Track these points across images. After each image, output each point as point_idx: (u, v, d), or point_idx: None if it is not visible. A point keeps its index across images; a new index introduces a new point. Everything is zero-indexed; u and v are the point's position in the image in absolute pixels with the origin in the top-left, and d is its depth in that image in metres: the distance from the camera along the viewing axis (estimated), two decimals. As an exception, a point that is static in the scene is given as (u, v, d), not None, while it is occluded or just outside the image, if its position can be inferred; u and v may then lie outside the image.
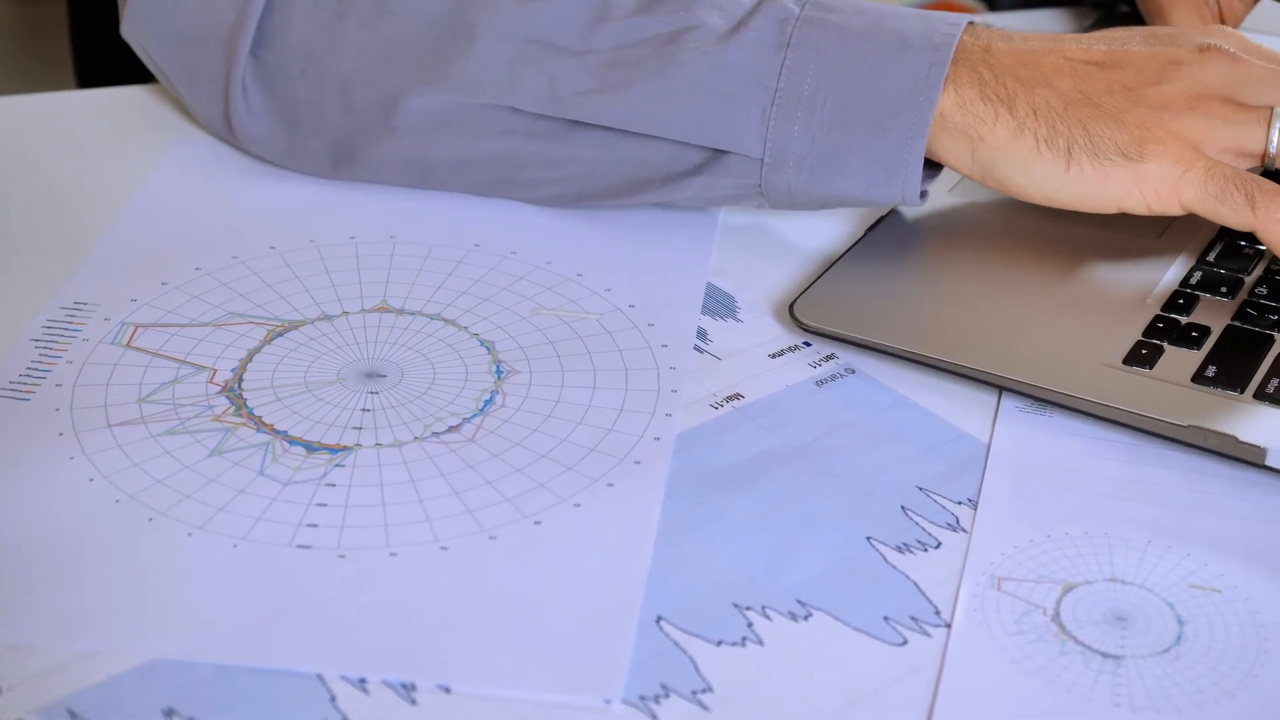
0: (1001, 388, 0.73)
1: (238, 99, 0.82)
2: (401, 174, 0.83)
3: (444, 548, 0.64)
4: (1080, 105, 0.74)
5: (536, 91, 0.79)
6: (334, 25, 0.81)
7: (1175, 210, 0.74)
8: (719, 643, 0.61)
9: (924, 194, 0.78)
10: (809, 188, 0.77)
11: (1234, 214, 0.73)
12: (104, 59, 1.31)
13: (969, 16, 0.78)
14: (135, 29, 0.85)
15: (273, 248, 0.81)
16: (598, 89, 0.78)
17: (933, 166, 0.78)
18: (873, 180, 0.76)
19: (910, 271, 0.79)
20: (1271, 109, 0.75)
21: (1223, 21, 0.93)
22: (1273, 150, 0.75)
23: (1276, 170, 0.76)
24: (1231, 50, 0.76)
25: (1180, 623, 0.63)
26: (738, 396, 0.73)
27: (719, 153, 0.78)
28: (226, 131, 0.85)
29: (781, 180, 0.77)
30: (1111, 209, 0.75)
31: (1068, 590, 0.64)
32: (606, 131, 0.79)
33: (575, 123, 0.79)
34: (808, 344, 0.76)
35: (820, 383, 0.74)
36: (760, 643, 0.61)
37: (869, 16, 0.77)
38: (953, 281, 0.78)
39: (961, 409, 0.73)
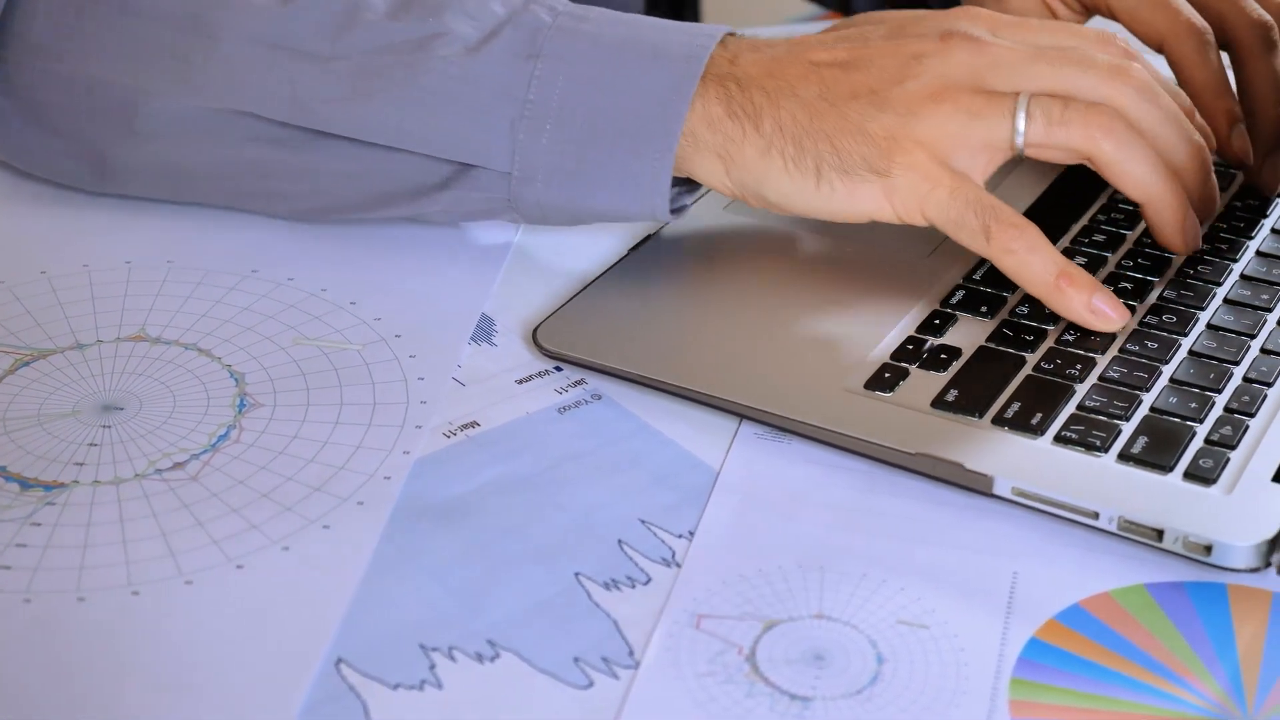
0: (741, 415, 0.72)
1: None
2: (154, 183, 0.82)
3: (135, 593, 0.63)
4: (825, 116, 0.73)
5: (279, 98, 0.77)
6: (75, 25, 0.79)
7: (921, 224, 0.73)
8: (396, 686, 0.60)
9: (681, 209, 0.77)
10: (560, 202, 0.76)
11: (970, 240, 0.72)
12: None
13: (727, 27, 0.76)
14: None
15: (43, 273, 0.80)
16: (342, 97, 0.76)
17: (692, 182, 0.77)
18: (622, 196, 0.75)
19: (666, 294, 0.78)
20: (1018, 95, 0.72)
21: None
22: (1019, 140, 0.72)
23: None
24: (976, 35, 0.73)
25: (880, 661, 0.62)
26: (473, 425, 0.72)
27: (468, 166, 0.77)
28: None
29: (531, 195, 0.76)
30: (864, 220, 0.74)
31: (769, 627, 0.63)
32: (353, 143, 0.78)
33: (322, 133, 0.78)
34: (559, 369, 0.75)
35: (562, 410, 0.73)
36: (439, 686, 0.60)
37: (625, 27, 0.76)
38: (708, 305, 0.77)
39: (706, 437, 0.71)
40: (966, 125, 0.72)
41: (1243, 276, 0.78)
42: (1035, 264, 0.72)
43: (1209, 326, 0.74)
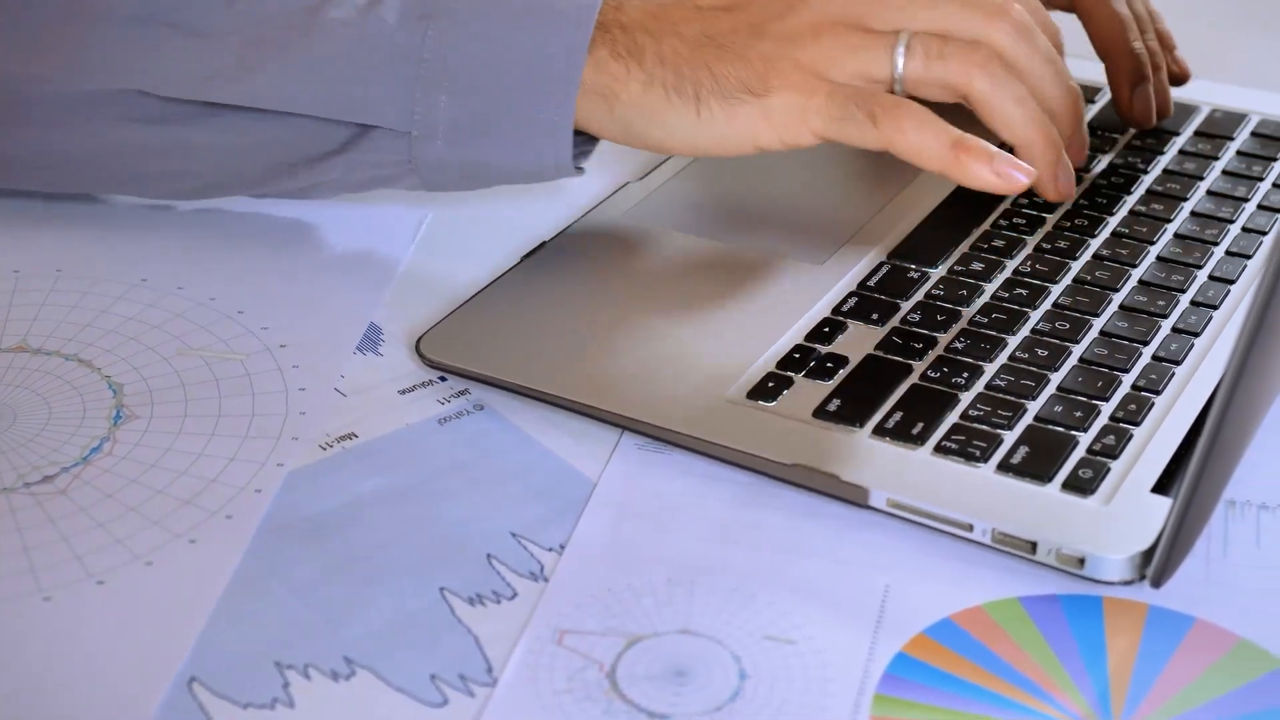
0: (622, 426, 0.71)
1: None
2: (33, 171, 0.81)
3: (-10, 609, 0.62)
4: (705, 48, 0.73)
5: (172, 74, 0.76)
6: None
7: (808, 141, 0.73)
8: (246, 705, 0.59)
9: (580, 169, 0.77)
10: (460, 159, 0.75)
11: (860, 133, 0.72)
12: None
13: None
14: None
15: (-68, 284, 0.80)
16: (233, 69, 0.75)
17: (587, 140, 0.76)
18: (524, 148, 0.75)
19: (553, 303, 0.76)
20: (899, 33, 0.73)
21: None
22: (898, 73, 0.73)
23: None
24: None
25: (742, 677, 0.61)
26: (351, 436, 0.71)
27: (365, 128, 0.76)
28: None
29: (432, 154, 0.75)
30: (749, 149, 0.74)
31: (632, 643, 0.62)
32: (243, 113, 0.77)
33: (210, 106, 0.77)
34: (443, 379, 0.74)
35: (443, 421, 0.72)
36: (290, 704, 0.59)
37: None
38: (595, 314, 0.75)
39: (586, 449, 0.70)
40: (845, 55, 0.73)
41: (1140, 282, 0.77)
42: (928, 139, 0.71)
43: (1102, 333, 0.73)
